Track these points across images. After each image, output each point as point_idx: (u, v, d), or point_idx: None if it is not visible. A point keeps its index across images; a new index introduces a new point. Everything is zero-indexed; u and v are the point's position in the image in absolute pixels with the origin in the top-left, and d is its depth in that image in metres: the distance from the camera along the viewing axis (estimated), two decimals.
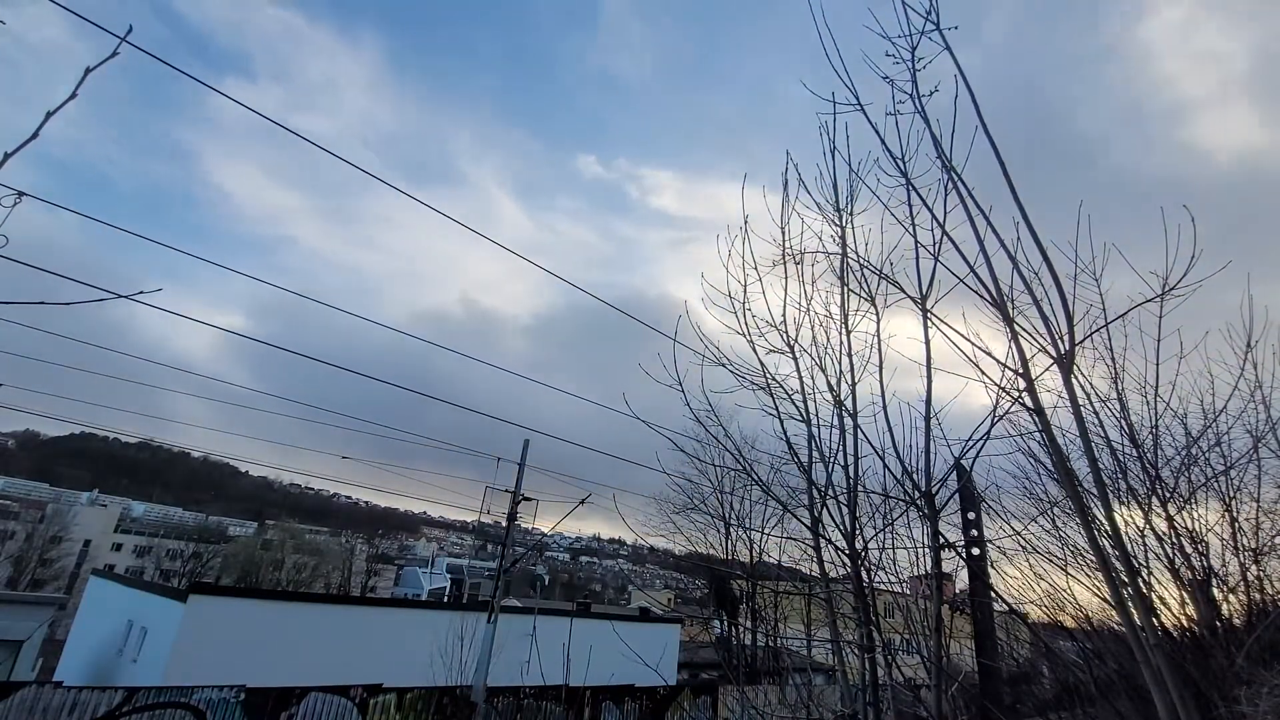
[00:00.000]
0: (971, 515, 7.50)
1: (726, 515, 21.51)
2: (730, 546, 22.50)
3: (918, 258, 3.99)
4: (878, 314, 4.44)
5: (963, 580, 7.99)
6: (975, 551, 7.25)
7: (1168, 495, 5.10)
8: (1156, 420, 5.10)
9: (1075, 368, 3.22)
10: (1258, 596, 5.38)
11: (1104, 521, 3.16)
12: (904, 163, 3.89)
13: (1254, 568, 5.36)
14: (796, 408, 4.74)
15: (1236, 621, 5.26)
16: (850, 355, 4.55)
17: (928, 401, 4.03)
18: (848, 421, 4.53)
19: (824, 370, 4.69)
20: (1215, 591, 5.13)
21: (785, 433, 4.74)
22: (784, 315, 4.82)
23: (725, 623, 24.36)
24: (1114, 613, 3.73)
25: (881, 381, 4.34)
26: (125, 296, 3.34)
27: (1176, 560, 5.01)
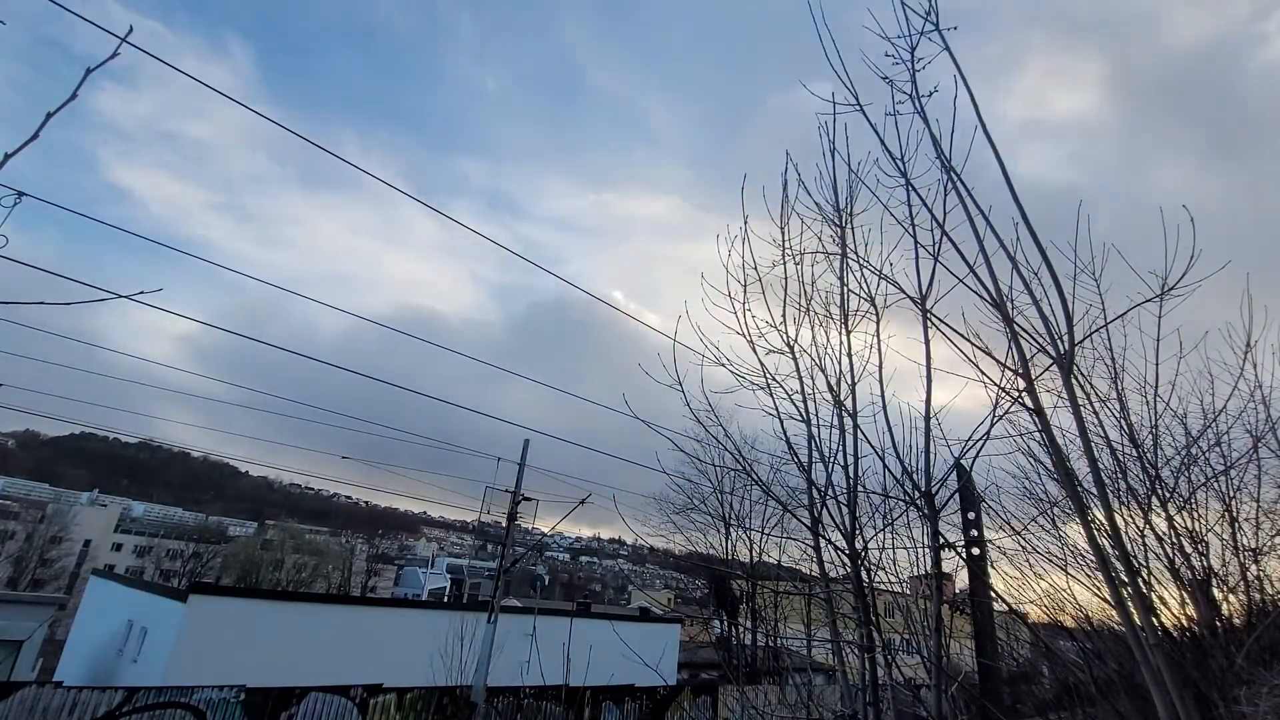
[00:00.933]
0: (971, 515, 7.50)
1: (726, 515, 21.52)
2: (730, 546, 22.52)
3: (917, 258, 3.99)
4: (878, 314, 4.44)
5: (963, 580, 8.00)
6: (975, 551, 7.25)
7: (1168, 495, 5.10)
8: (1156, 420, 5.10)
9: (1075, 368, 3.22)
10: (1258, 596, 5.39)
11: (1104, 521, 3.16)
12: (903, 163, 3.89)
13: (1254, 568, 5.37)
14: (796, 408, 4.74)
15: (1236, 621, 5.26)
16: (850, 355, 4.55)
17: (927, 401, 4.03)
18: (848, 422, 4.53)
19: (824, 370, 4.69)
20: (1215, 591, 5.13)
21: (785, 433, 4.74)
22: (784, 315, 4.82)
23: (725, 623, 24.38)
24: (1114, 613, 3.73)
25: (881, 381, 4.34)
26: (125, 296, 3.34)
27: (1176, 560, 5.01)
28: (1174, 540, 5.01)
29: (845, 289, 4.59)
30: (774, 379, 4.80)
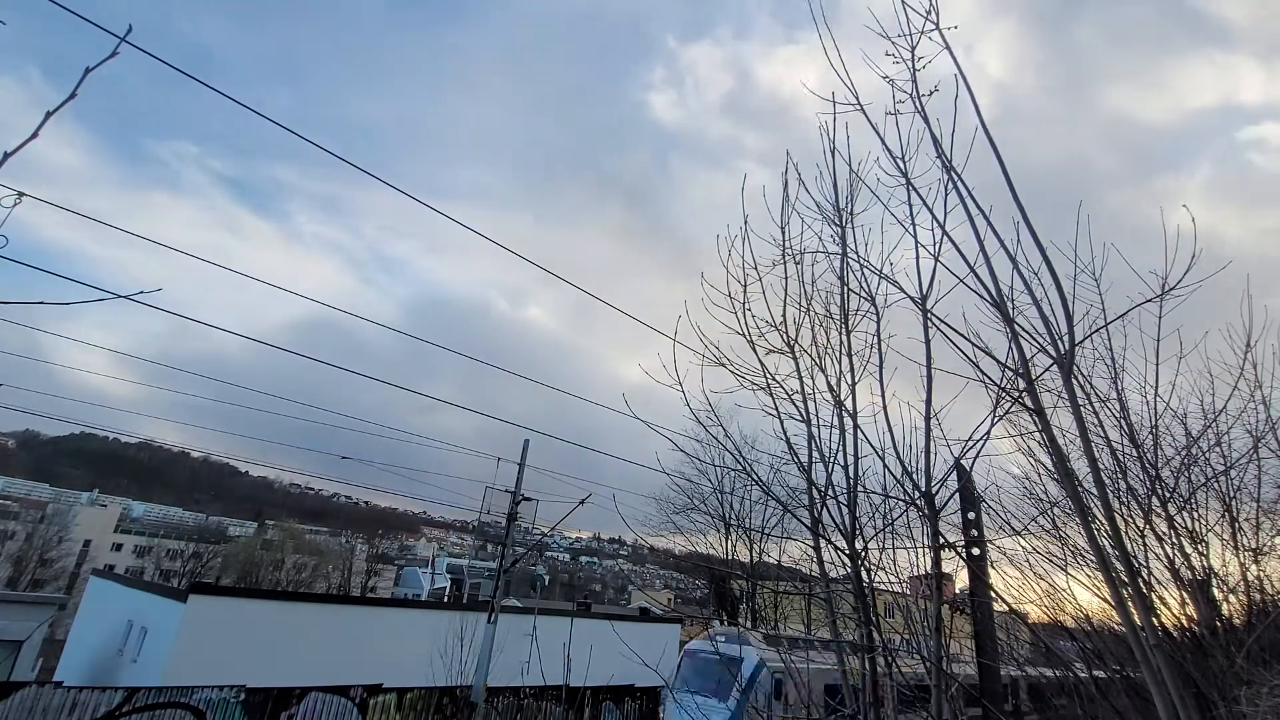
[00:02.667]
0: (971, 515, 7.50)
1: (726, 515, 21.54)
2: (730, 546, 22.53)
3: (918, 258, 3.99)
4: (878, 314, 4.44)
5: (963, 580, 7.99)
6: (975, 551, 7.25)
7: (1168, 495, 5.10)
8: (1156, 420, 5.10)
9: (1075, 368, 3.22)
10: (1258, 596, 5.38)
11: (1104, 521, 3.16)
12: (904, 163, 3.89)
13: (1254, 568, 5.36)
14: (796, 408, 4.73)
15: (1236, 621, 5.26)
16: (850, 355, 4.55)
17: (928, 401, 4.03)
18: (848, 422, 4.53)
19: (824, 370, 4.69)
20: (1215, 591, 5.13)
21: (785, 433, 4.74)
22: (784, 315, 4.82)
23: (725, 623, 24.38)
24: (1114, 613, 3.73)
25: (881, 382, 4.34)
26: (125, 297, 3.34)
27: (1176, 560, 5.01)
28: (1174, 540, 5.01)
29: (845, 289, 4.59)
30: (774, 379, 4.80)
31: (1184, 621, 5.10)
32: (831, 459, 4.59)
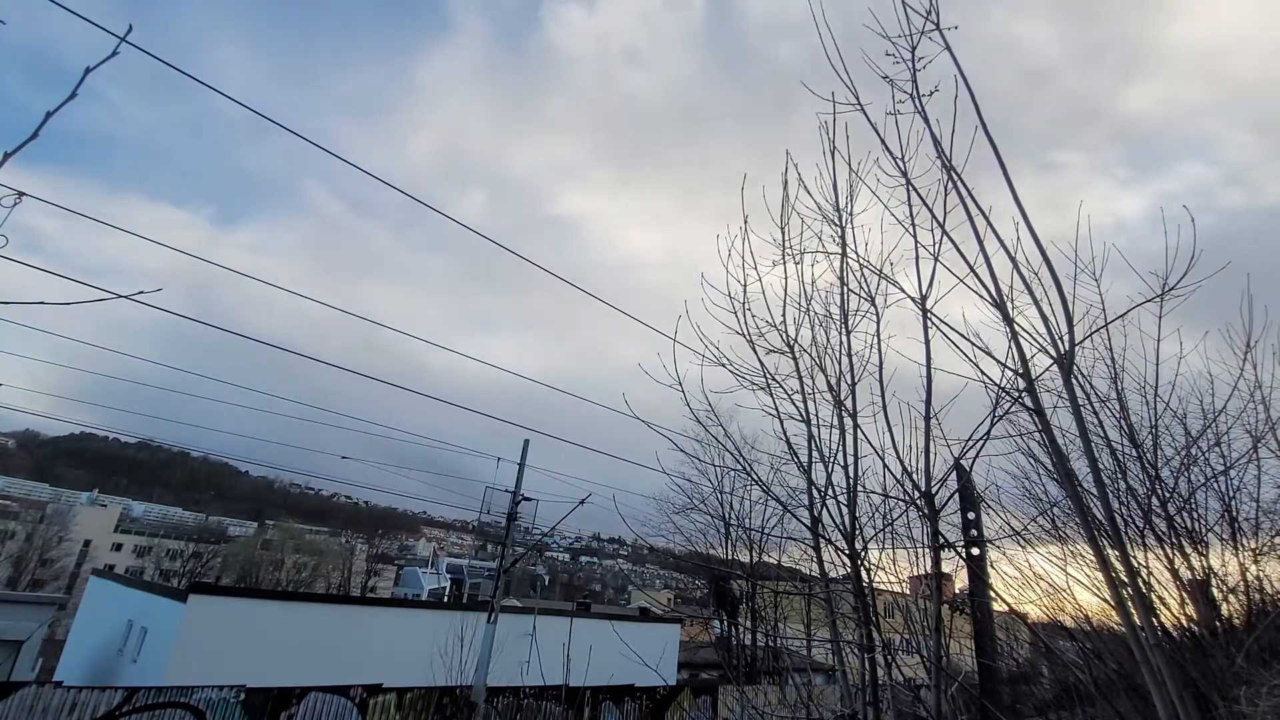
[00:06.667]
0: (971, 515, 7.51)
1: (726, 515, 21.55)
2: (730, 546, 22.53)
3: (918, 258, 3.99)
4: (878, 314, 4.44)
5: (963, 580, 7.99)
6: (975, 551, 7.26)
7: (1168, 495, 5.10)
8: (1156, 420, 5.11)
9: (1075, 368, 3.22)
10: (1258, 596, 5.38)
11: (1104, 521, 3.16)
12: (904, 163, 3.89)
13: (1254, 568, 5.36)
14: (796, 408, 4.74)
15: (1236, 621, 5.26)
16: (850, 355, 4.55)
17: (928, 402, 4.03)
18: (848, 421, 4.53)
19: (824, 370, 4.69)
20: (1215, 591, 5.13)
21: (785, 433, 4.74)
22: (784, 315, 4.82)
23: (725, 623, 24.39)
24: (1114, 613, 3.73)
25: (881, 381, 4.34)
26: (125, 296, 3.34)
27: (1176, 560, 5.01)
28: (1174, 540, 5.01)
29: (845, 289, 4.59)
30: (774, 379, 4.81)
31: (1184, 621, 5.10)
32: (831, 459, 4.60)
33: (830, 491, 4.59)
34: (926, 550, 4.46)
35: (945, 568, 4.55)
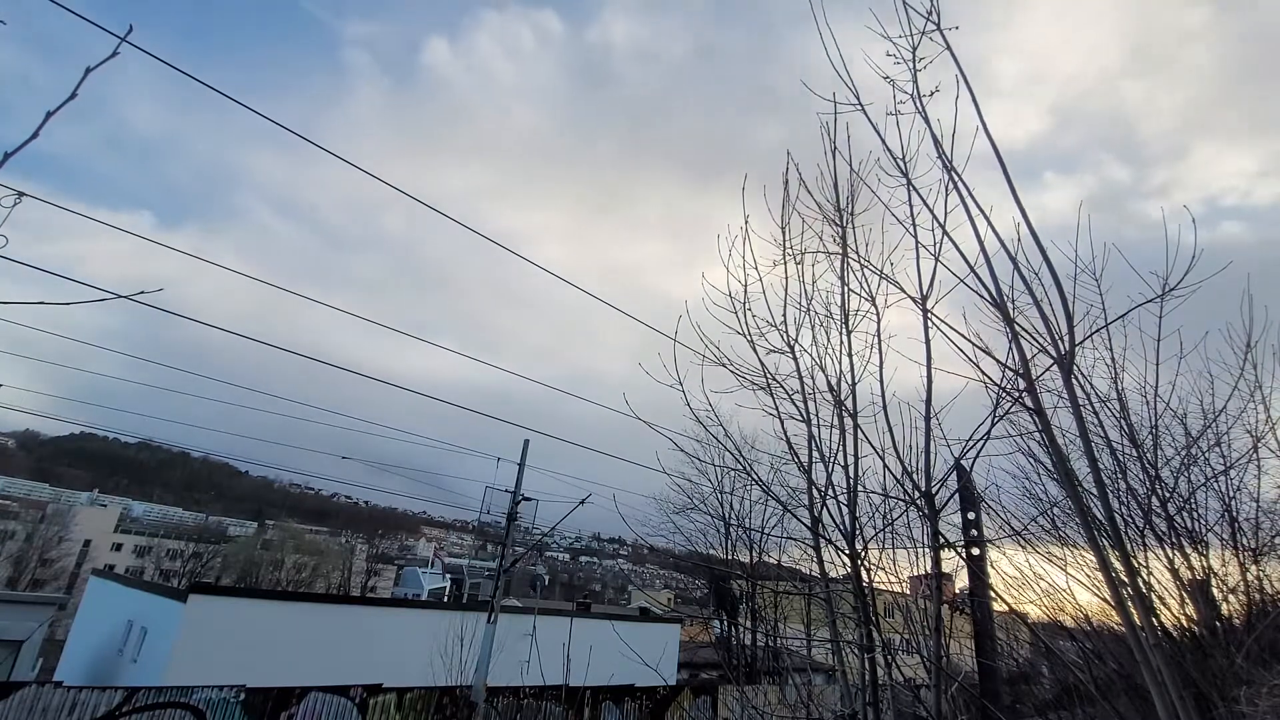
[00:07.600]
0: (971, 515, 7.51)
1: (726, 515, 21.54)
2: (730, 546, 22.52)
3: (918, 258, 3.99)
4: (878, 314, 4.44)
5: (963, 580, 8.00)
6: (975, 551, 7.26)
7: (1168, 495, 5.10)
8: (1156, 420, 5.11)
9: (1075, 368, 3.22)
10: (1258, 596, 5.38)
11: (1104, 521, 3.16)
12: (904, 163, 3.89)
13: (1254, 568, 5.37)
14: (796, 408, 4.74)
15: (1236, 621, 5.26)
16: (850, 355, 4.55)
17: (928, 402, 4.03)
18: (848, 421, 4.53)
19: (824, 370, 4.69)
20: (1215, 591, 5.13)
21: (785, 433, 4.74)
22: (784, 315, 4.83)
23: (725, 623, 24.37)
24: (1114, 613, 3.73)
25: (881, 381, 4.34)
26: (125, 297, 3.34)
27: (1176, 560, 5.01)
28: (1174, 540, 5.01)
29: (846, 289, 4.59)
30: (774, 379, 4.81)
31: (1184, 621, 5.10)
32: (831, 459, 4.60)
33: (830, 491, 4.59)
34: (926, 550, 4.47)
35: (945, 568, 4.55)
